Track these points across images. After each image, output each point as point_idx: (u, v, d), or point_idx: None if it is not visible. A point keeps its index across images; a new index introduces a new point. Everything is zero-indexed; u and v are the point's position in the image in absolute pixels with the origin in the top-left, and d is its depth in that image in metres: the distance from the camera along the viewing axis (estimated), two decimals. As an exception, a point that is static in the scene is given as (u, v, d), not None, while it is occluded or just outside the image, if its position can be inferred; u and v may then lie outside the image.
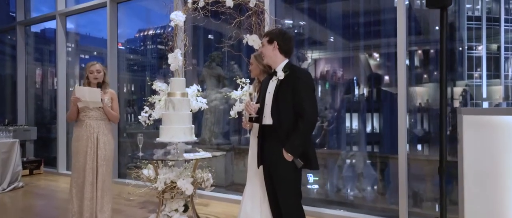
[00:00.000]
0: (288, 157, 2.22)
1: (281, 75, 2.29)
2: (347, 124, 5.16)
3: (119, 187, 4.98)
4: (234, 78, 3.64)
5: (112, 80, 5.57)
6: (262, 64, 2.68)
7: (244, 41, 3.48)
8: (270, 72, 2.45)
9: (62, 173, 6.29)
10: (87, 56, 7.70)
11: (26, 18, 7.09)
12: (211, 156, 3.23)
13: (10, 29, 7.49)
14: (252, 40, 3.38)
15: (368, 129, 5.02)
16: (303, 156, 2.24)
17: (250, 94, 2.47)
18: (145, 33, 8.55)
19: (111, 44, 5.55)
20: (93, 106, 3.16)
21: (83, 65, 7.14)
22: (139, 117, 3.96)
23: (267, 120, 2.33)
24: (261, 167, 2.47)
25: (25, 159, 6.32)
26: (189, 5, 3.72)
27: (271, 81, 2.38)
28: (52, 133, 6.86)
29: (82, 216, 3.15)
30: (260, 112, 2.39)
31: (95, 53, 7.86)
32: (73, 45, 7.03)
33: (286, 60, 2.37)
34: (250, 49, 3.52)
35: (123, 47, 8.61)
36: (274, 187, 2.36)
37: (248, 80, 3.48)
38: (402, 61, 3.50)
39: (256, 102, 2.45)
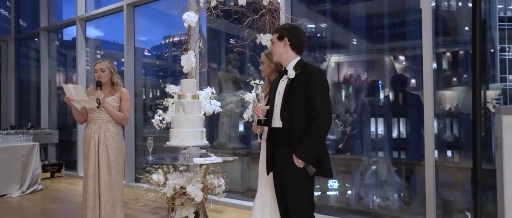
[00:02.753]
0: (299, 163, 2.03)
1: (292, 74, 2.11)
2: (372, 128, 4.91)
3: (135, 192, 4.91)
4: (248, 80, 3.49)
5: (128, 84, 5.57)
6: (274, 62, 2.53)
7: (257, 41, 3.34)
8: (281, 71, 2.28)
9: (82, 176, 6.29)
10: (115, 63, 7.80)
11: (49, 24, 7.26)
12: (222, 161, 3.07)
13: (35, 35, 7.68)
14: (266, 39, 3.22)
15: (394, 134, 4.76)
16: (315, 162, 2.04)
17: (257, 95, 2.30)
18: (170, 40, 8.62)
19: (127, 47, 5.55)
20: (88, 106, 2.93)
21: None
22: (153, 120, 3.88)
23: (277, 122, 2.15)
24: (271, 173, 2.29)
25: (47, 162, 6.43)
26: (201, 5, 3.61)
27: (281, 80, 2.20)
28: (73, 137, 6.95)
29: None
30: (270, 114, 2.22)
31: (122, 59, 8.04)
32: (101, 52, 7.13)
33: (298, 58, 2.19)
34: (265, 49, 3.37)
35: (149, 54, 8.70)
36: (285, 196, 2.16)
37: (262, 82, 3.33)
38: (428, 64, 3.28)
39: (266, 104, 2.29)
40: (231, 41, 6.11)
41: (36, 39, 7.61)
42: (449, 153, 4.50)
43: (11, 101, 8.02)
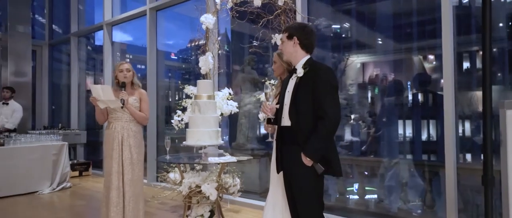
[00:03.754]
0: (307, 161, 2.02)
1: (300, 72, 2.11)
2: (400, 130, 4.76)
3: (153, 190, 5.03)
4: (263, 80, 3.51)
5: (151, 86, 5.72)
6: (285, 62, 2.55)
7: (273, 41, 3.36)
8: (291, 70, 2.29)
9: (107, 175, 6.56)
10: (143, 67, 8.04)
11: (78, 29, 7.61)
12: (235, 161, 3.10)
13: (66, 40, 8.06)
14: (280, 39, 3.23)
15: (423, 136, 4.60)
16: (323, 161, 2.03)
17: (266, 94, 2.32)
18: (196, 43, 8.77)
19: (150, 50, 5.71)
20: (113, 106, 3.02)
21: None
22: (172, 121, 3.96)
23: (286, 121, 2.16)
24: (281, 172, 2.29)
25: (75, 161, 6.71)
26: (218, 7, 3.67)
27: (291, 79, 2.21)
28: (100, 137, 7.22)
29: None
30: (280, 112, 2.23)
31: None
32: (130, 56, 7.32)
33: (308, 56, 2.18)
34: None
35: (176, 57, 8.89)
36: (293, 195, 2.16)
37: (276, 82, 3.33)
38: (449, 64, 3.17)
39: (277, 103, 2.30)
40: (254, 43, 6.15)
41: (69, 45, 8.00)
42: (482, 156, 4.29)
43: (45, 103, 8.46)
